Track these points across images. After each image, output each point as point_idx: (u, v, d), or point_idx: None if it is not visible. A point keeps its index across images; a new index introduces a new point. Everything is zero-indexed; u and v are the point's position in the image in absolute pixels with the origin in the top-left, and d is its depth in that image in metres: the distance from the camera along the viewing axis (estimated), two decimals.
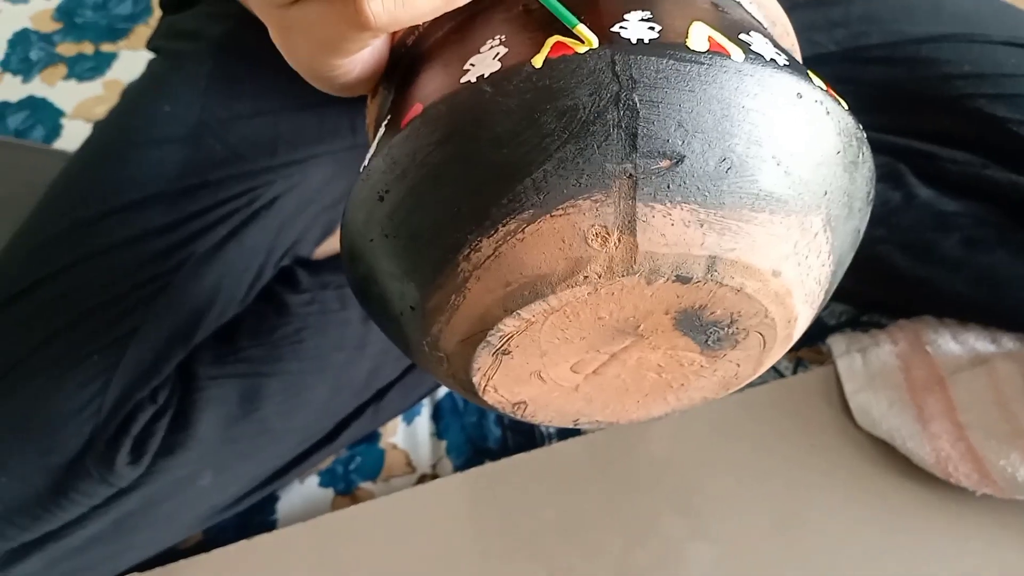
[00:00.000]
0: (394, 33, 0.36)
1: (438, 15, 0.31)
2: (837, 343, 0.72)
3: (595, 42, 0.29)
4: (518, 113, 0.28)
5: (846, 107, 0.32)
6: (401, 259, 0.32)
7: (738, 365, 0.35)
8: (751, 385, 0.70)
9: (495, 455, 0.72)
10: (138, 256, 0.61)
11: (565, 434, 0.72)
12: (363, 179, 0.32)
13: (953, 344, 0.67)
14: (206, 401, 0.60)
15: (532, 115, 0.28)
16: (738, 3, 0.34)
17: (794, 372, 0.74)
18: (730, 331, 0.33)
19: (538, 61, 0.28)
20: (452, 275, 0.30)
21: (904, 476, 0.65)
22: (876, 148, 0.64)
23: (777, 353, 0.35)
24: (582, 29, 0.29)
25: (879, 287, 0.70)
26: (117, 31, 1.07)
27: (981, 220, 0.63)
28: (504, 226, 0.29)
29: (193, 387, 0.61)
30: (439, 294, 0.31)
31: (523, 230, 0.29)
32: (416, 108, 0.31)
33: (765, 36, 0.32)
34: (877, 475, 0.66)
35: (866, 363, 0.69)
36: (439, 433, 0.75)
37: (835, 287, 0.36)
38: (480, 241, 0.29)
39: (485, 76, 0.29)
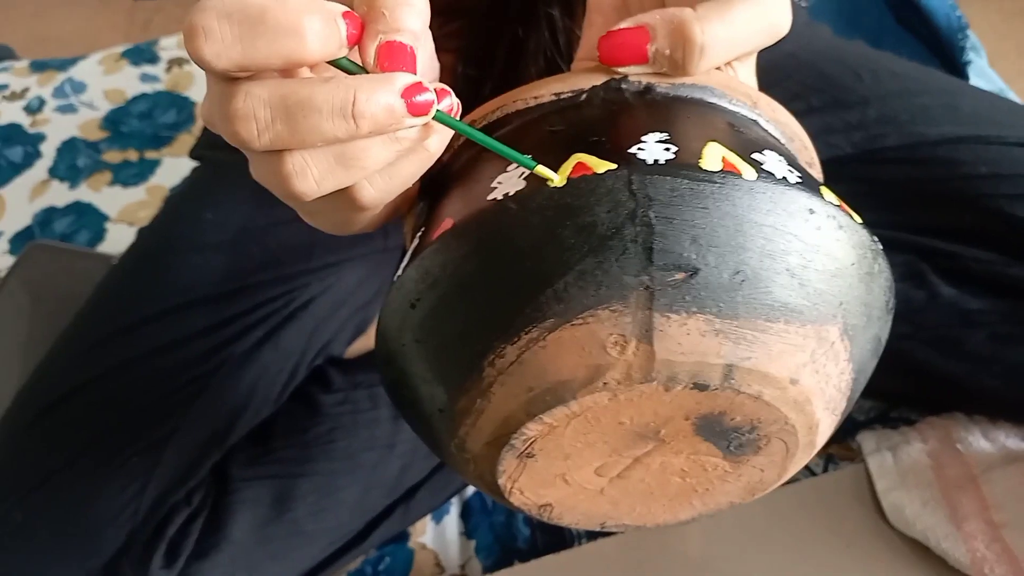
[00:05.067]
0: None
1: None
2: (867, 440, 0.71)
3: (555, 179, 0.30)
4: (541, 228, 0.30)
5: (860, 220, 0.33)
6: (431, 363, 0.34)
7: (762, 471, 0.36)
8: (782, 484, 0.69)
9: (524, 555, 0.71)
10: (177, 361, 0.63)
11: (595, 534, 0.72)
12: (397, 287, 0.34)
13: (984, 442, 0.67)
14: (239, 503, 0.61)
15: (554, 230, 0.30)
16: (755, 121, 0.36)
17: (825, 469, 0.73)
18: (751, 437, 0.33)
19: (560, 180, 0.30)
20: (478, 380, 0.32)
21: None
22: (897, 247, 0.66)
23: (801, 459, 0.36)
24: (542, 169, 0.31)
25: (907, 383, 0.70)
26: (161, 139, 1.11)
27: (1006, 317, 0.64)
28: (527, 334, 0.30)
29: (227, 489, 0.62)
30: (466, 398, 0.32)
31: (545, 338, 0.30)
32: (447, 223, 0.33)
33: (780, 154, 0.33)
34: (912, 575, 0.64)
35: (897, 461, 0.68)
36: (468, 533, 0.74)
37: (858, 394, 0.36)
38: (504, 348, 0.31)
39: (511, 194, 0.31)
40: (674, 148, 0.31)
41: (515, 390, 0.31)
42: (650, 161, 0.30)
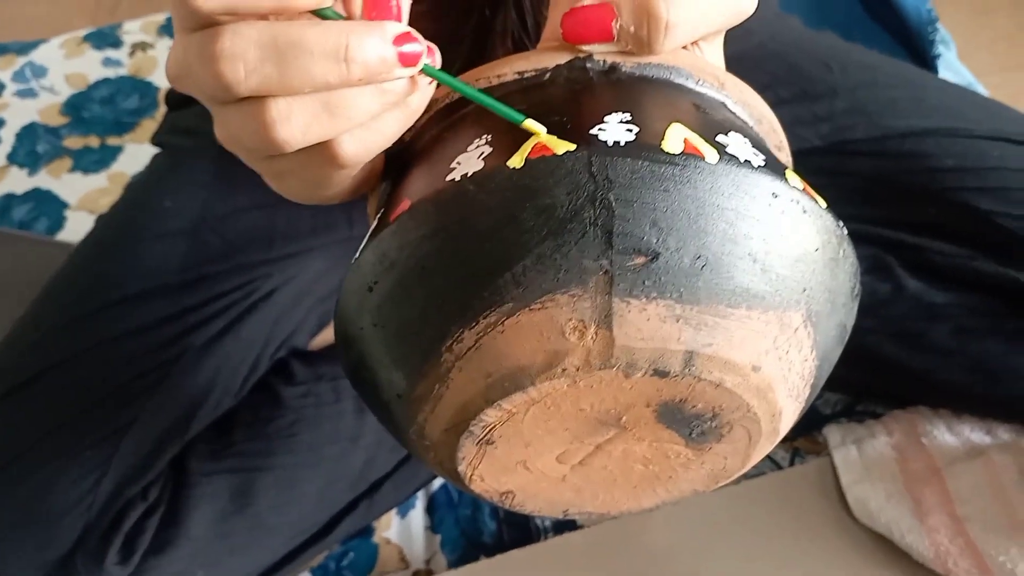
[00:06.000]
0: None
1: (405, 130, 0.32)
2: (833, 434, 0.71)
3: (544, 132, 0.30)
4: (499, 210, 0.29)
5: (825, 205, 0.32)
6: (389, 348, 0.33)
7: (725, 458, 0.36)
8: (748, 476, 0.69)
9: (490, 550, 0.71)
10: (136, 349, 0.61)
11: (561, 528, 0.71)
12: (354, 270, 0.33)
13: (948, 435, 0.67)
14: (198, 498, 0.60)
15: (512, 212, 0.29)
16: (723, 103, 0.35)
17: (791, 463, 0.73)
18: (713, 424, 0.33)
19: (518, 161, 0.29)
20: (436, 365, 0.31)
21: (904, 571, 0.64)
22: (863, 240, 0.66)
23: (765, 447, 0.35)
24: (530, 123, 0.30)
25: (872, 377, 0.70)
26: (123, 125, 1.09)
27: (971, 310, 0.64)
28: (485, 318, 0.30)
29: (185, 483, 0.60)
30: (424, 383, 0.32)
31: (503, 323, 0.29)
32: (405, 204, 0.32)
33: (745, 136, 0.33)
34: (877, 570, 0.64)
35: (862, 454, 0.68)
36: (434, 527, 0.74)
37: (823, 381, 0.36)
38: (462, 332, 0.30)
39: (469, 175, 0.30)
40: (636, 129, 0.30)
41: (473, 376, 0.31)
42: (611, 142, 0.29)
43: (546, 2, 0.42)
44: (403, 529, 0.74)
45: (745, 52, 0.72)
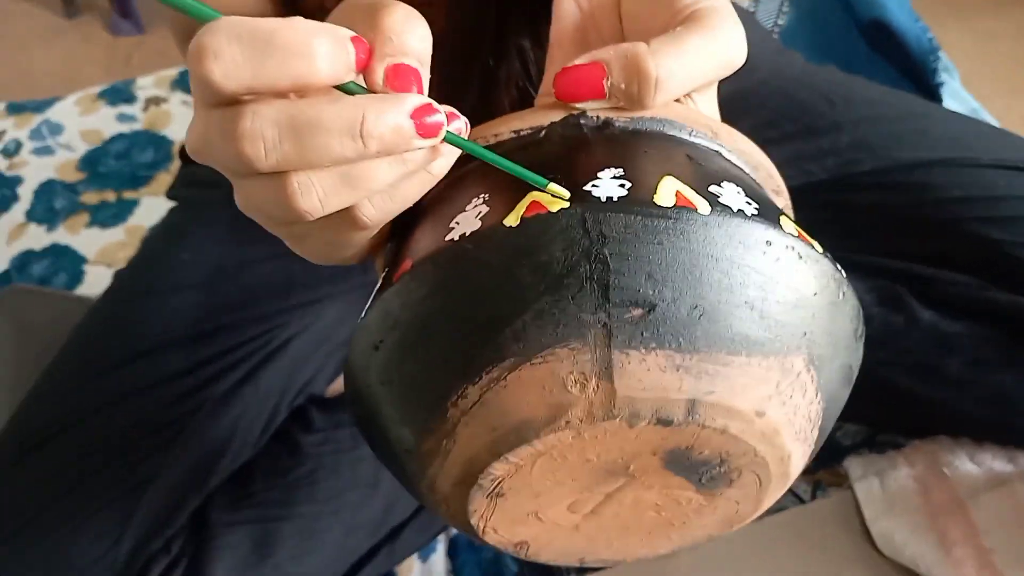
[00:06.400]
0: None
1: (419, 198, 0.33)
2: (854, 467, 0.71)
3: (567, 196, 0.30)
4: (496, 269, 0.30)
5: (822, 250, 0.33)
6: (396, 405, 0.33)
7: (738, 503, 0.36)
8: (771, 511, 0.68)
9: None
10: (154, 403, 0.62)
11: (584, 569, 0.71)
12: (360, 329, 0.34)
13: (970, 465, 0.66)
14: (220, 549, 0.60)
15: (509, 270, 0.30)
16: (717, 152, 0.36)
17: (813, 496, 0.73)
18: (722, 470, 0.33)
19: (514, 220, 0.30)
20: (442, 421, 0.31)
21: None
22: (874, 272, 0.66)
23: (777, 490, 0.35)
24: (555, 187, 0.31)
25: (890, 409, 0.69)
26: (139, 179, 1.11)
27: (986, 340, 0.63)
28: (488, 374, 0.30)
29: (207, 535, 0.61)
30: (431, 439, 0.32)
31: (505, 377, 0.30)
32: (407, 264, 0.33)
33: (739, 185, 0.33)
34: None
35: (884, 487, 0.68)
36: (456, 571, 0.73)
37: (831, 422, 0.36)
38: (466, 388, 0.31)
39: (467, 235, 0.31)
40: (628, 184, 0.30)
41: (479, 430, 0.31)
42: (604, 198, 0.30)
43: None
44: (425, 574, 0.73)
45: (748, 89, 0.73)
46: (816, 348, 0.32)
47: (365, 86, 0.30)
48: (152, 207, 1.07)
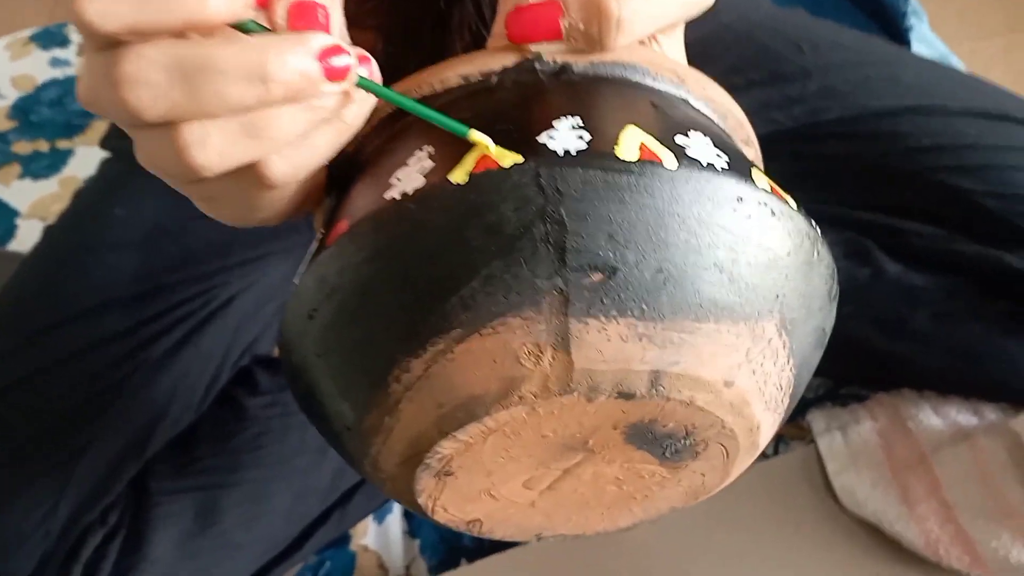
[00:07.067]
0: None
1: (342, 145, 0.30)
2: (817, 420, 0.70)
3: (489, 144, 0.28)
4: (442, 230, 0.27)
5: (796, 205, 0.30)
6: (334, 378, 0.31)
7: (703, 475, 0.34)
8: None
9: (471, 553, 0.69)
10: (88, 367, 0.59)
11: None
12: (294, 296, 0.31)
13: (935, 418, 0.66)
14: (160, 519, 0.58)
15: (456, 232, 0.27)
16: (684, 100, 0.33)
17: (775, 450, 0.72)
18: (687, 443, 0.31)
19: (461, 176, 0.27)
20: (384, 396, 0.29)
21: (894, 559, 0.63)
22: (840, 223, 0.64)
23: (744, 461, 0.33)
24: (475, 135, 0.28)
25: (854, 363, 0.69)
26: (73, 127, 1.06)
27: (950, 293, 0.63)
28: (433, 346, 0.28)
29: (146, 504, 0.58)
30: (373, 415, 0.30)
31: (453, 350, 0.27)
32: (343, 225, 0.30)
33: (708, 135, 0.30)
34: (867, 558, 0.63)
35: (847, 441, 0.67)
36: (412, 531, 0.72)
37: (803, 388, 0.34)
38: (409, 361, 0.28)
39: (409, 193, 0.28)
40: (588, 135, 0.28)
41: (424, 407, 0.29)
42: (560, 151, 0.27)
43: None
44: (381, 535, 0.72)
45: (712, 33, 0.70)
46: (789, 311, 0.30)
47: (266, 25, 0.27)
48: (87, 157, 1.02)
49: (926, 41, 0.95)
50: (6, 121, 1.08)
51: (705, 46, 0.37)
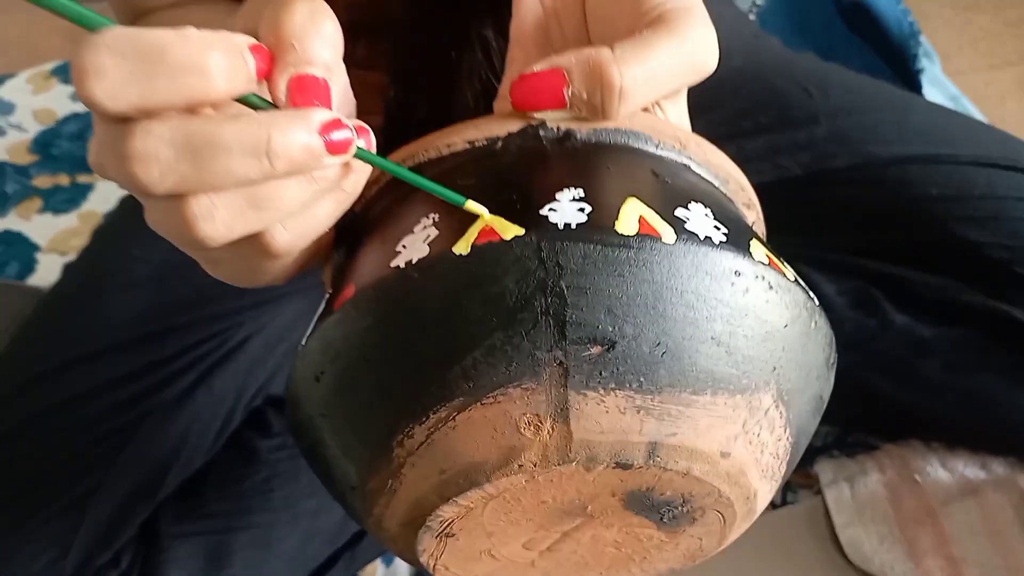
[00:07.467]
0: None
1: (344, 212, 0.31)
2: (824, 470, 0.69)
3: (486, 214, 0.28)
4: (445, 300, 0.28)
5: (793, 277, 0.31)
6: (339, 440, 0.31)
7: (700, 539, 0.34)
8: None
9: None
10: (100, 409, 0.59)
11: None
12: (301, 357, 0.32)
13: (942, 472, 0.65)
14: (171, 563, 0.58)
15: (459, 302, 0.27)
16: (685, 166, 0.34)
17: (783, 498, 0.72)
18: (684, 510, 0.31)
19: (464, 247, 0.28)
20: (387, 460, 0.29)
21: None
22: (848, 272, 0.64)
23: (741, 526, 0.34)
24: (472, 205, 0.29)
25: (862, 411, 0.68)
26: None
27: (960, 345, 0.62)
28: (435, 413, 0.28)
29: (157, 547, 0.58)
30: (377, 478, 0.30)
31: (454, 418, 0.28)
32: (349, 290, 0.30)
33: (708, 205, 0.31)
34: None
35: (854, 493, 0.67)
36: (422, 573, 0.72)
37: (800, 455, 0.34)
38: (412, 428, 0.28)
39: (413, 262, 0.28)
40: (589, 208, 0.28)
41: (426, 472, 0.29)
42: (561, 225, 0.27)
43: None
44: None
45: (723, 77, 0.70)
46: (786, 382, 0.30)
47: (268, 98, 0.27)
48: (107, 192, 1.03)
49: (938, 83, 0.95)
50: (27, 155, 1.08)
51: (716, 89, 0.37)
